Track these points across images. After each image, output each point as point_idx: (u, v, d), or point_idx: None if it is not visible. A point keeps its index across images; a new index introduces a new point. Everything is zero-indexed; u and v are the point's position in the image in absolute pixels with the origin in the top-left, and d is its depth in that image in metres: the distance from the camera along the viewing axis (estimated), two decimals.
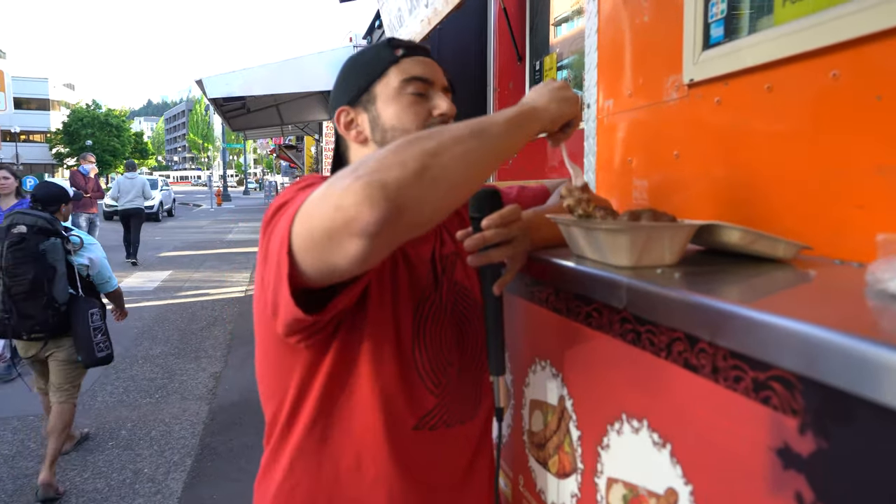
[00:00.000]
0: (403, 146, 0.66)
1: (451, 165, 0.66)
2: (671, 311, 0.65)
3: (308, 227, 0.68)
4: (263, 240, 0.81)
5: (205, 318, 6.82)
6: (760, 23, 0.97)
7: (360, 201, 0.61)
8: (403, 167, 0.63)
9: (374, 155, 0.65)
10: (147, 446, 3.67)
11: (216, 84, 7.48)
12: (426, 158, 0.64)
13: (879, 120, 0.77)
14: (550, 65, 3.26)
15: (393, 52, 0.97)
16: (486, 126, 0.73)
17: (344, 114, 0.99)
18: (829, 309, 0.58)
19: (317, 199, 0.67)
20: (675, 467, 0.71)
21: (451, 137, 0.68)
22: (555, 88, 0.88)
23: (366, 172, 0.62)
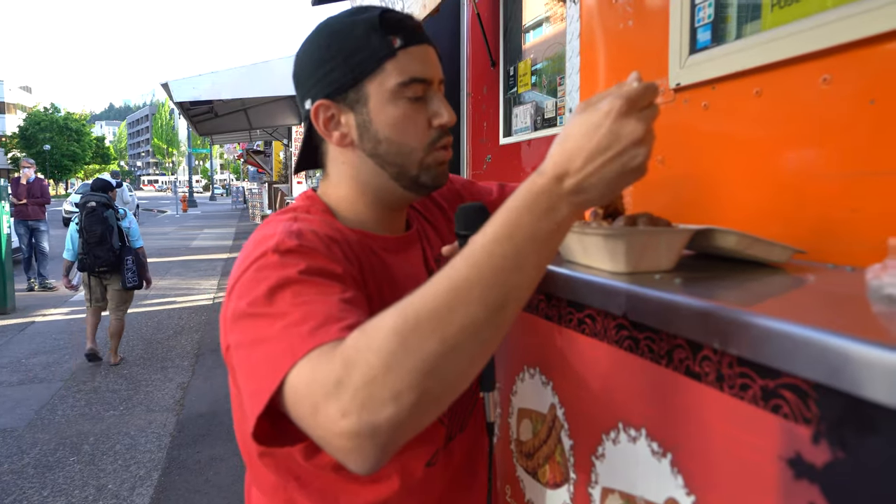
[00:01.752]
0: (396, 352, 0.52)
1: (458, 374, 0.55)
2: (675, 318, 0.64)
3: (296, 416, 0.60)
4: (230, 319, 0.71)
5: (171, 327, 6.65)
6: (748, 27, 0.97)
7: (348, 451, 0.54)
8: (397, 401, 0.52)
9: (361, 361, 0.53)
10: (111, 461, 3.55)
11: (183, 87, 7.34)
12: (425, 380, 0.52)
13: (872, 124, 0.77)
14: (525, 70, 3.27)
15: (389, 42, 0.80)
16: (511, 284, 0.55)
17: (323, 109, 0.84)
18: (841, 316, 0.57)
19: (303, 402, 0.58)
20: (676, 477, 0.70)
21: (463, 328, 0.53)
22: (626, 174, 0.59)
23: (353, 407, 0.52)
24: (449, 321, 0.53)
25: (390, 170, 0.85)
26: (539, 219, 0.57)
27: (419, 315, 0.53)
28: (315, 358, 0.58)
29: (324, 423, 0.55)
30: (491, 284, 0.54)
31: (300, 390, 0.58)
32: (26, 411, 4.27)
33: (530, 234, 0.56)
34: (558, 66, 2.82)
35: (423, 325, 0.53)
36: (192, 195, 34.26)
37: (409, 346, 0.52)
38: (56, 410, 4.31)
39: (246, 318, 0.68)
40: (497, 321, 0.55)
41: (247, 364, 0.67)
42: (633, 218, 0.81)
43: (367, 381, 0.52)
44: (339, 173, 0.89)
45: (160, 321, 6.94)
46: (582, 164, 0.57)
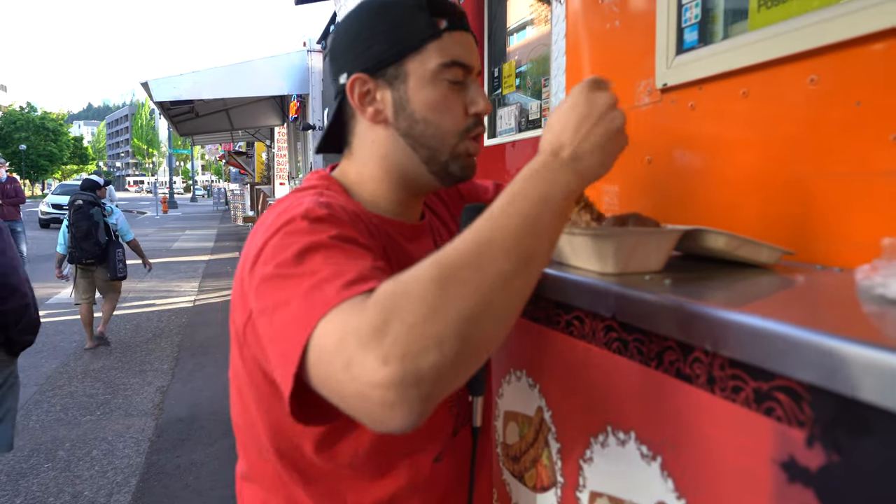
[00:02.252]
0: (437, 300, 0.51)
1: (496, 324, 0.55)
2: (665, 320, 0.63)
3: (322, 381, 0.56)
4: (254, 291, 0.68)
5: (150, 330, 6.55)
6: (735, 28, 0.96)
7: (391, 403, 0.50)
8: (441, 348, 0.50)
9: (401, 302, 0.52)
10: (87, 467, 3.48)
11: (163, 87, 7.25)
12: (467, 328, 0.51)
13: (859, 125, 0.77)
14: (509, 71, 3.27)
15: (435, 23, 0.80)
16: (536, 240, 0.58)
17: (360, 83, 0.83)
18: (831, 316, 0.56)
19: (335, 356, 0.53)
20: (665, 481, 0.69)
21: (497, 277, 0.54)
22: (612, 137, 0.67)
23: (395, 353, 0.49)
24: (482, 273, 0.54)
25: (422, 152, 0.84)
26: (547, 185, 0.61)
27: (454, 266, 0.54)
28: (346, 310, 0.55)
29: (360, 375, 0.50)
30: (512, 241, 0.56)
31: (328, 345, 0.55)
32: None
33: (541, 197, 0.60)
34: (543, 68, 2.82)
35: (460, 275, 0.53)
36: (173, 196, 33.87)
37: (448, 294, 0.52)
38: (30, 416, 4.21)
39: (273, 279, 0.65)
40: (523, 275, 0.57)
41: (272, 327, 0.63)
42: (622, 218, 0.80)
43: (409, 326, 0.50)
44: (367, 152, 0.87)
45: (139, 324, 6.83)
46: (572, 134, 0.65)
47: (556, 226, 0.61)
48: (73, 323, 6.77)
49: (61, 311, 7.18)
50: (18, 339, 2.34)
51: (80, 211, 5.43)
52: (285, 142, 11.97)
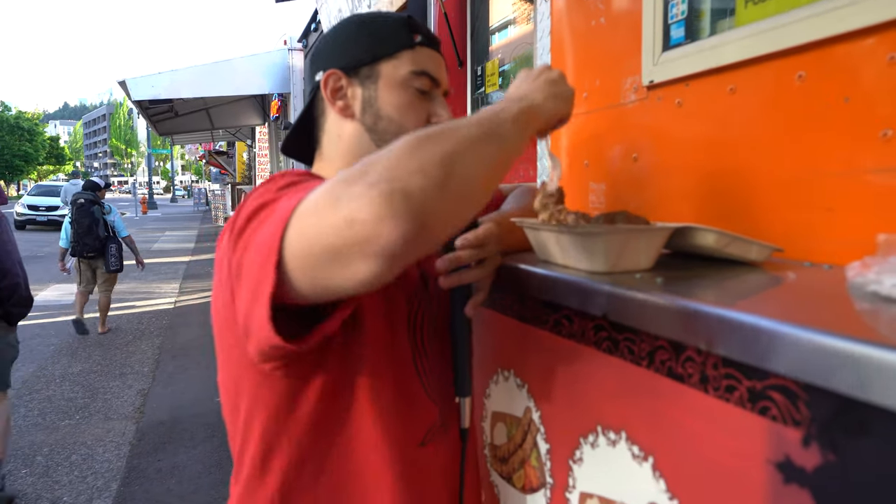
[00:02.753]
0: (417, 147, 0.57)
1: (471, 173, 0.59)
2: (658, 319, 0.62)
3: (307, 239, 0.57)
4: (234, 250, 0.70)
5: (130, 333, 6.45)
6: (722, 24, 0.96)
7: (381, 216, 0.51)
8: (425, 175, 0.54)
9: (382, 156, 0.56)
10: (66, 472, 3.41)
11: (141, 86, 7.15)
12: (448, 165, 0.56)
13: (847, 122, 0.77)
14: (492, 70, 3.26)
15: (411, 36, 0.88)
16: (496, 127, 0.66)
17: (334, 78, 0.88)
18: (825, 314, 0.56)
19: (319, 207, 0.57)
20: (657, 481, 0.68)
21: (466, 140, 0.60)
22: (550, 81, 0.79)
23: (382, 179, 0.53)
24: (452, 134, 0.60)
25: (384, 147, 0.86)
26: (498, 110, 0.70)
27: (426, 133, 0.59)
28: (320, 189, 0.58)
29: (348, 203, 0.53)
30: (481, 122, 0.65)
31: (309, 207, 0.58)
32: None
33: (494, 112, 0.68)
34: (527, 66, 2.81)
35: (433, 137, 0.59)
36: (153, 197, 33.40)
37: (424, 146, 0.57)
38: None
39: (250, 222, 0.68)
40: (489, 148, 0.63)
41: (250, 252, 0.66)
42: (610, 216, 0.79)
43: (391, 164, 0.55)
44: (335, 148, 0.91)
45: (119, 326, 6.72)
46: (516, 87, 0.79)
47: (514, 125, 0.69)
48: (50, 325, 6.65)
49: (38, 314, 7.03)
50: (13, 311, 2.93)
51: (83, 208, 5.94)
52: (266, 141, 11.86)
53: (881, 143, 0.73)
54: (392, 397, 0.84)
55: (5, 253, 2.84)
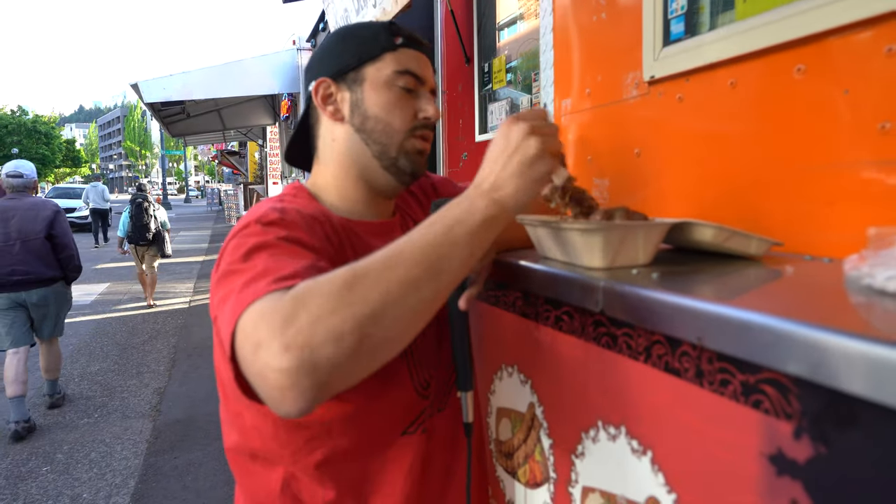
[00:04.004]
0: (343, 299, 0.57)
1: (396, 326, 0.59)
2: (653, 314, 0.62)
3: (240, 358, 0.62)
4: (212, 293, 0.74)
5: (146, 332, 6.53)
6: (722, 18, 0.96)
7: (284, 386, 0.55)
8: (339, 343, 0.55)
9: (310, 302, 0.57)
10: (86, 469, 3.47)
11: (153, 88, 7.21)
12: (367, 325, 0.57)
13: (847, 115, 0.76)
14: (499, 66, 3.26)
15: (392, 39, 0.92)
16: (447, 253, 0.63)
17: (324, 86, 0.94)
18: (820, 308, 0.56)
19: (249, 337, 0.60)
20: (656, 475, 0.69)
21: (402, 283, 0.60)
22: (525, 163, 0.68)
23: (296, 342, 0.55)
24: (391, 276, 0.60)
25: (373, 147, 0.92)
26: (463, 210, 0.67)
27: (367, 269, 0.60)
28: (268, 300, 0.61)
29: (264, 358, 0.57)
30: (421, 253, 0.62)
31: (247, 328, 0.61)
32: None
33: (456, 219, 0.66)
34: (533, 63, 2.81)
35: (370, 277, 0.59)
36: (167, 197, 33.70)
37: (355, 293, 0.58)
38: None
39: (224, 276, 0.72)
40: (433, 284, 0.62)
41: (220, 318, 0.69)
42: (609, 212, 0.80)
43: (313, 320, 0.56)
44: (329, 151, 0.96)
45: (135, 326, 6.81)
46: (491, 166, 0.70)
47: (470, 246, 0.65)
48: (69, 326, 6.73)
49: None
50: (70, 275, 4.24)
51: (140, 207, 7.32)
52: (277, 141, 11.92)
53: (880, 136, 0.72)
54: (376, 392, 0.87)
55: (64, 232, 4.15)
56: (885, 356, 0.41)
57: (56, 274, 4.10)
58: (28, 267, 3.93)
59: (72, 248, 4.19)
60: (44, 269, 4.00)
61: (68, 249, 4.15)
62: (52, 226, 4.07)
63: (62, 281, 4.18)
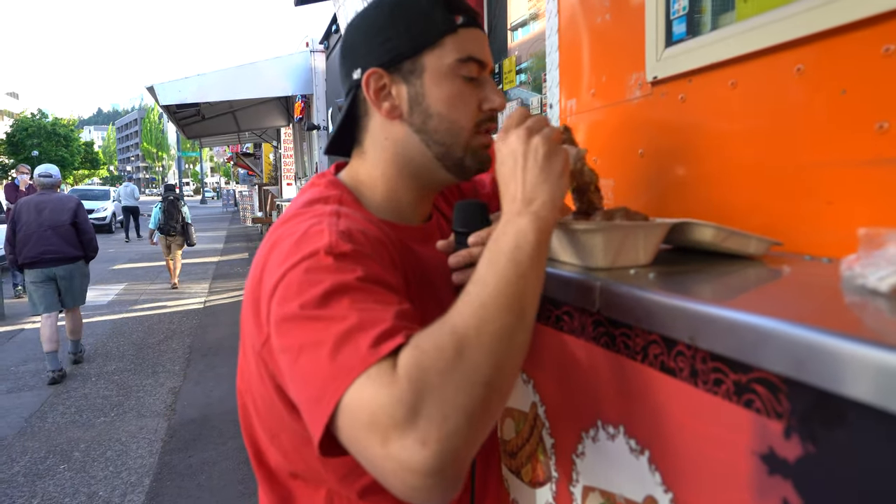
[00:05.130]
0: (458, 370, 0.55)
1: (510, 381, 0.59)
2: (648, 314, 0.63)
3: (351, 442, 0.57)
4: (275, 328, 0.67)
5: (162, 332, 6.61)
6: (723, 18, 0.96)
7: (428, 485, 0.52)
8: (471, 421, 0.53)
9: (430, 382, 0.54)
10: (102, 468, 3.52)
11: (169, 91, 7.30)
12: (489, 393, 0.55)
13: (844, 114, 0.76)
14: (510, 67, 3.26)
15: (452, 18, 0.81)
16: (523, 288, 0.62)
17: (375, 77, 0.82)
18: (811, 308, 0.56)
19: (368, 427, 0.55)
20: (654, 474, 0.69)
21: (502, 337, 0.58)
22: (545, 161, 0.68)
23: (434, 436, 0.51)
24: (491, 331, 0.58)
25: (435, 149, 0.84)
26: (513, 236, 0.65)
27: (465, 330, 0.58)
28: (375, 378, 0.56)
29: (399, 455, 0.52)
30: (504, 297, 0.60)
31: (361, 416, 0.55)
32: (16, 419, 4.23)
33: (513, 247, 0.64)
34: (543, 63, 2.81)
35: (472, 339, 0.57)
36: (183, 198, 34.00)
37: (466, 361, 0.56)
38: (46, 418, 4.27)
39: (297, 320, 0.64)
40: (524, 325, 0.62)
41: (298, 370, 0.63)
42: (609, 213, 0.80)
43: (441, 405, 0.53)
44: (381, 151, 0.86)
45: (150, 326, 6.89)
46: (512, 187, 0.69)
47: (537, 270, 0.65)
48: (85, 326, 6.84)
49: None
50: (90, 254, 5.33)
51: (171, 203, 8.71)
52: (291, 142, 12.00)
53: (878, 135, 0.72)
54: None
55: (85, 220, 5.26)
56: (869, 356, 0.41)
57: (78, 254, 5.16)
58: (57, 248, 4.99)
59: (91, 232, 5.31)
60: (69, 249, 5.07)
61: (89, 234, 5.26)
62: (76, 215, 5.16)
63: (83, 259, 5.25)
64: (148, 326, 6.86)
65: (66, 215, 5.10)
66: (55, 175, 5.38)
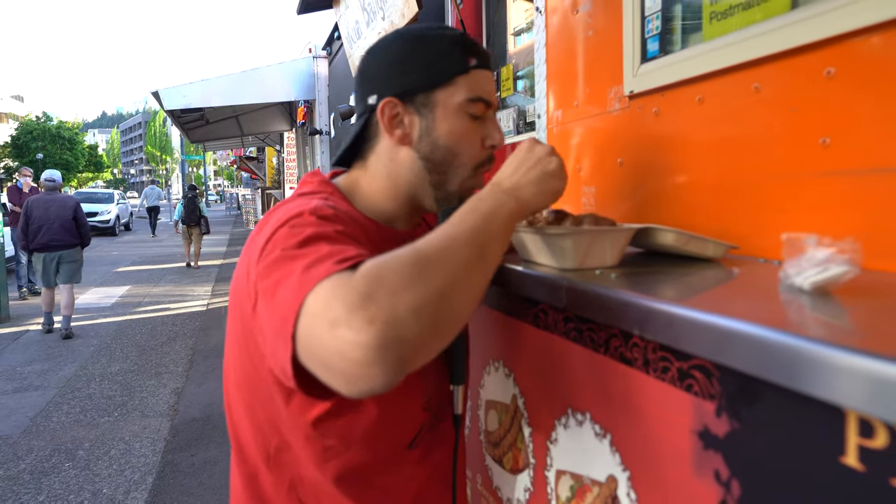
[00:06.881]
0: (419, 273, 0.59)
1: (462, 305, 0.63)
2: (605, 309, 0.70)
3: (307, 339, 0.60)
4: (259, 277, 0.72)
5: (165, 334, 6.69)
6: (691, 38, 1.03)
7: (371, 362, 0.54)
8: (419, 317, 0.56)
9: (384, 278, 0.58)
10: (106, 466, 3.59)
11: (173, 96, 7.39)
12: (440, 302, 0.59)
13: (794, 130, 0.84)
14: (507, 75, 3.34)
15: (466, 59, 0.88)
16: (489, 239, 0.69)
17: (390, 106, 0.88)
18: (742, 302, 0.63)
19: (320, 316, 0.58)
20: (614, 455, 0.76)
21: (461, 267, 0.63)
22: (547, 174, 0.79)
23: (379, 317, 0.54)
24: (452, 258, 0.63)
25: (434, 177, 0.91)
26: (492, 204, 0.73)
27: (427, 251, 0.63)
28: (335, 279, 0.60)
29: (344, 335, 0.55)
30: (476, 237, 0.68)
31: (317, 309, 0.59)
32: (21, 419, 4.31)
33: (489, 211, 0.72)
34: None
35: (432, 258, 0.62)
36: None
37: (424, 272, 0.60)
38: (51, 417, 4.34)
39: (278, 260, 0.69)
40: (483, 267, 0.67)
41: (273, 301, 0.67)
42: (579, 219, 0.87)
43: (391, 295, 0.56)
44: (383, 167, 0.93)
45: (154, 328, 6.97)
46: (512, 172, 0.80)
47: (502, 236, 0.72)
48: (90, 328, 6.93)
49: (79, 317, 7.34)
50: (85, 242, 6.78)
51: (191, 200, 11.56)
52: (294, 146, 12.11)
53: (821, 150, 0.80)
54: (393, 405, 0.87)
55: (83, 215, 6.75)
56: (772, 340, 0.48)
57: (76, 242, 6.66)
58: (61, 237, 6.52)
59: (87, 226, 6.84)
60: (70, 238, 6.59)
61: (85, 227, 6.79)
62: (76, 212, 6.67)
63: (79, 246, 6.73)
64: (151, 328, 6.94)
65: (69, 212, 6.63)
66: (57, 179, 6.95)
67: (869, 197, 0.74)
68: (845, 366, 0.42)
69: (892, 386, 0.40)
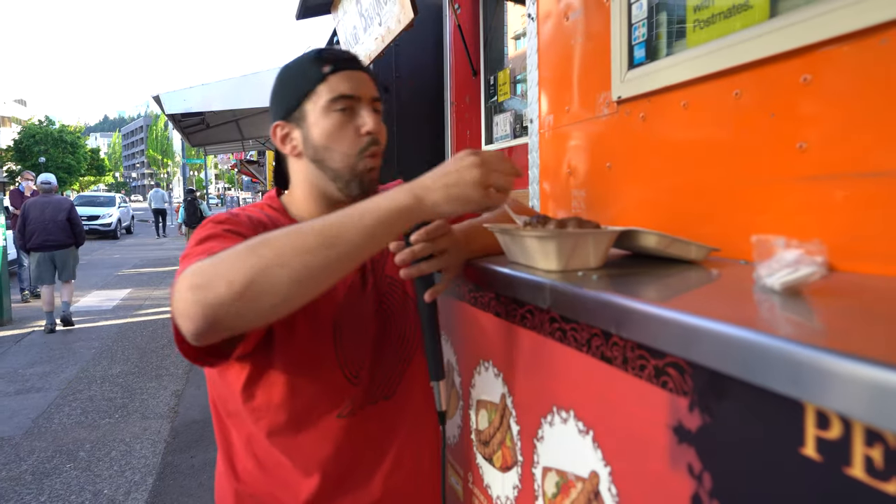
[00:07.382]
0: (243, 256, 0.72)
1: (281, 280, 0.71)
2: (587, 309, 0.72)
3: (171, 305, 0.77)
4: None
5: (166, 336, 6.71)
6: (676, 45, 1.06)
7: (181, 314, 0.72)
8: (229, 286, 0.70)
9: (219, 258, 0.73)
10: (107, 467, 3.61)
11: (174, 100, 7.42)
12: (255, 275, 0.70)
13: (773, 135, 0.86)
14: (504, 79, 3.37)
15: (320, 69, 1.00)
16: (344, 231, 0.74)
17: (279, 128, 1.04)
18: (715, 302, 0.66)
19: (177, 287, 0.75)
20: (596, 452, 0.78)
21: (294, 247, 0.72)
22: (462, 183, 0.79)
23: (198, 284, 0.71)
24: (287, 241, 0.73)
25: (329, 173, 1.03)
26: (384, 198, 0.77)
27: (270, 236, 0.74)
28: (196, 265, 0.75)
29: (176, 294, 0.74)
30: (330, 224, 0.74)
31: (175, 286, 0.75)
32: (23, 420, 4.33)
33: (375, 202, 0.77)
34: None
35: (269, 241, 0.73)
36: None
37: (253, 252, 0.72)
38: (52, 419, 4.36)
39: (181, 259, 0.86)
40: (324, 252, 0.73)
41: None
42: (563, 221, 0.90)
43: (213, 270, 0.71)
44: (298, 181, 1.08)
45: (155, 330, 7.00)
46: (431, 175, 0.80)
47: (374, 227, 0.76)
48: (92, 330, 6.96)
49: (80, 319, 7.37)
50: (80, 242, 7.18)
51: (190, 202, 11.82)
52: None
53: (799, 154, 0.82)
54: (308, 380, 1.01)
55: (77, 216, 7.14)
56: (734, 336, 0.51)
57: (71, 241, 7.04)
58: (56, 237, 6.90)
59: (81, 226, 7.22)
60: (65, 238, 6.98)
61: (79, 227, 7.16)
62: (70, 213, 7.06)
63: (74, 245, 7.08)
64: (152, 331, 6.96)
65: (63, 213, 7.02)
66: (53, 182, 7.39)
67: (845, 200, 0.77)
68: (803, 361, 0.44)
69: (846, 379, 0.42)
